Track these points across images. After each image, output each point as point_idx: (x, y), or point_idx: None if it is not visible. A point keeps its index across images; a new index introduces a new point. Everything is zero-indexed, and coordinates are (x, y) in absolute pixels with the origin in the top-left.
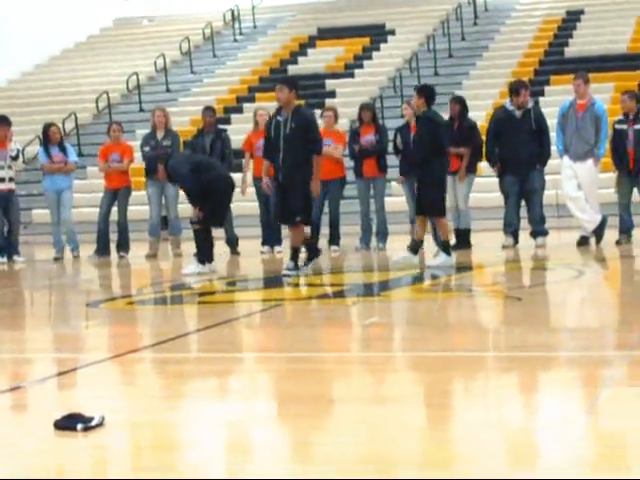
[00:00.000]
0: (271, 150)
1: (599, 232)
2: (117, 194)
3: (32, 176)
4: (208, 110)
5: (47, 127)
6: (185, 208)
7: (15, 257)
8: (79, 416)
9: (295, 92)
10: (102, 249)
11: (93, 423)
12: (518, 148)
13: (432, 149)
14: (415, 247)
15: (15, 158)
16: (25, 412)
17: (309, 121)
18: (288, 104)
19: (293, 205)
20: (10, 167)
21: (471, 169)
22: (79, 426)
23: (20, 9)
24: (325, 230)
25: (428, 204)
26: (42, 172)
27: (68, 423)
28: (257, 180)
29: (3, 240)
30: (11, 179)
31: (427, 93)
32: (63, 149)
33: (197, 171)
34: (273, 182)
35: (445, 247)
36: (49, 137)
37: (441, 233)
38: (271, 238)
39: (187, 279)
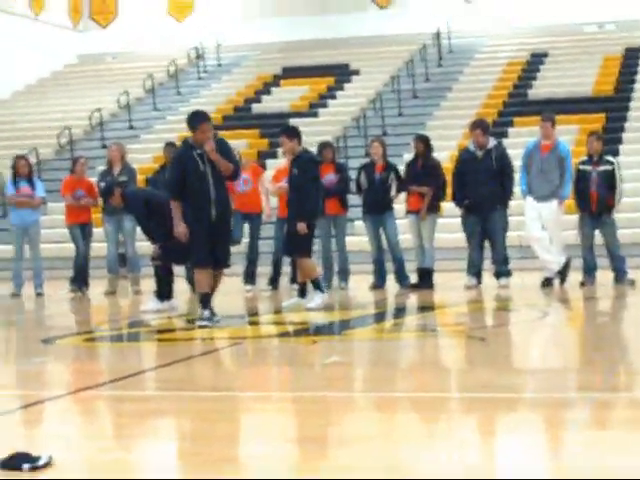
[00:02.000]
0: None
1: (563, 273)
2: (83, 229)
3: None
4: (169, 146)
5: (16, 160)
6: (143, 245)
7: None
8: (26, 455)
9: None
10: (82, 282)
11: (40, 463)
12: (479, 188)
13: (315, 187)
14: (302, 290)
15: None
16: None
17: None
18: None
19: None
20: None
21: (434, 208)
22: (25, 466)
23: None
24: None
25: (295, 244)
26: (8, 205)
27: (14, 463)
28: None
29: None
30: None
31: (297, 134)
32: (31, 183)
33: (153, 206)
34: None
35: (317, 285)
36: (17, 169)
37: (305, 275)
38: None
39: (146, 316)
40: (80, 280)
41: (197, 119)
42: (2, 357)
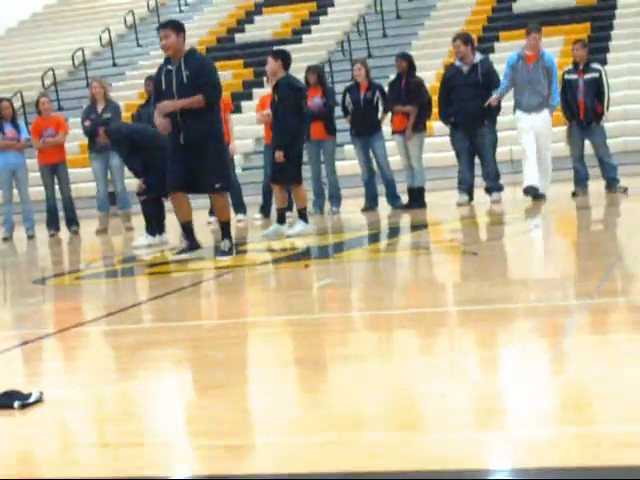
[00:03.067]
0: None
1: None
2: (55, 169)
3: None
4: (151, 79)
5: None
6: (133, 182)
7: None
8: (16, 393)
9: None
10: (54, 226)
11: (31, 400)
12: (466, 104)
13: (296, 116)
14: (281, 217)
15: None
16: None
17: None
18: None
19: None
20: None
21: (420, 127)
22: (16, 403)
23: None
24: None
25: (283, 172)
26: None
27: (5, 400)
28: None
29: None
30: None
31: (284, 56)
32: (16, 126)
33: (136, 140)
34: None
35: (302, 215)
36: (0, 112)
37: (298, 201)
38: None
39: (137, 251)
40: (52, 222)
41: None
42: None
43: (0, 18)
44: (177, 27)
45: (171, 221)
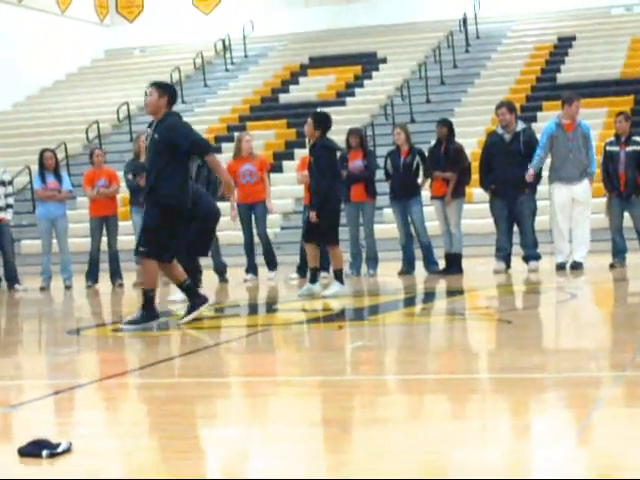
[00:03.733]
0: None
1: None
2: (106, 222)
3: (21, 207)
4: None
5: (42, 152)
6: None
7: (16, 286)
8: (45, 442)
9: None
10: (93, 277)
11: (59, 449)
12: (506, 171)
13: (330, 176)
14: (313, 276)
15: (9, 183)
16: None
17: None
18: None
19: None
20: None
21: (459, 193)
22: (44, 452)
23: (10, 42)
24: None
25: (320, 233)
26: (36, 199)
27: (33, 449)
28: (240, 207)
29: None
30: (1, 208)
31: (322, 121)
32: (58, 177)
33: None
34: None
35: (338, 276)
36: (44, 163)
37: (334, 262)
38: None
39: (174, 305)
40: (92, 273)
41: None
42: (30, 348)
43: (47, 70)
44: (162, 88)
45: (207, 276)
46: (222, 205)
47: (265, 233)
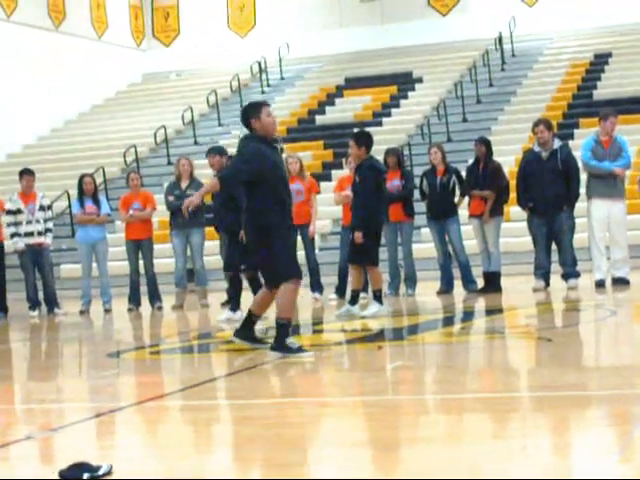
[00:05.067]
0: None
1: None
2: (140, 245)
3: (60, 231)
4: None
5: (81, 178)
6: (211, 259)
7: (56, 310)
8: (86, 465)
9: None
10: (135, 300)
11: (100, 472)
12: (544, 189)
13: (375, 198)
14: (353, 298)
15: (48, 208)
16: (33, 462)
17: None
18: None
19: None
20: (38, 221)
21: (497, 211)
22: (85, 476)
23: (48, 68)
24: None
25: (361, 253)
26: (74, 224)
27: (74, 473)
28: None
29: (34, 294)
30: (40, 233)
31: (366, 141)
32: (96, 201)
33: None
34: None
35: (377, 296)
36: (83, 188)
37: (373, 282)
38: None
39: (222, 325)
40: (134, 297)
41: None
42: (71, 371)
43: (85, 95)
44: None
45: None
46: None
47: (314, 258)
